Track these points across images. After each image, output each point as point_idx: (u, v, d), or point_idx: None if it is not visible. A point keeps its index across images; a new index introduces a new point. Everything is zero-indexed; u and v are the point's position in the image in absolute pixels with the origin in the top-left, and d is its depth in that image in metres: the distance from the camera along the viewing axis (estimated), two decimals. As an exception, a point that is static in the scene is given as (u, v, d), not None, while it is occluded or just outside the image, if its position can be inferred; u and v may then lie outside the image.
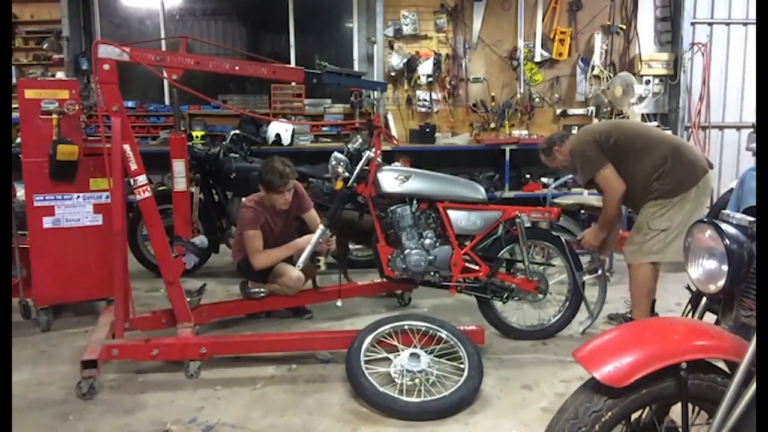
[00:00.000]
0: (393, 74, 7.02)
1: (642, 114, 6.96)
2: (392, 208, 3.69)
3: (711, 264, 1.80)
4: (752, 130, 6.16)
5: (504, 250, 3.73)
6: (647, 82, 7.18)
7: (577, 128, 6.89)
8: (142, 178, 3.32)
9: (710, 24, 7.17)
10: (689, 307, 2.00)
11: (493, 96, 7.12)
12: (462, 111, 7.19)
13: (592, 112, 7.05)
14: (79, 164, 3.82)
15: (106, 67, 3.18)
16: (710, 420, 1.61)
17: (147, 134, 6.80)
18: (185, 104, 6.70)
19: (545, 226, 3.90)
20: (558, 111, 7.21)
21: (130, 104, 6.64)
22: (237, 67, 3.47)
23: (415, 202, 3.69)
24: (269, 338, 3.60)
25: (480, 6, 6.99)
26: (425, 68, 6.96)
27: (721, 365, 1.71)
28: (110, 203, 3.48)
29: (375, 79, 6.69)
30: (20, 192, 4.01)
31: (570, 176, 6.11)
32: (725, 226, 1.78)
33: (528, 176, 6.98)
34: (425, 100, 7.08)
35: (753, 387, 1.54)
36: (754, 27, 5.24)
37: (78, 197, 3.90)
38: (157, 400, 3.04)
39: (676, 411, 1.72)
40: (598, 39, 7.07)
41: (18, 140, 5.11)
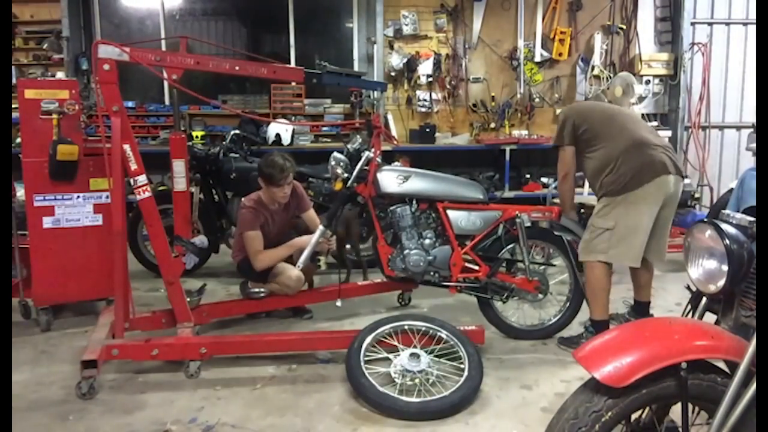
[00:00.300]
0: (393, 74, 7.03)
1: (642, 114, 6.96)
2: (392, 208, 3.69)
3: (711, 264, 1.81)
4: (752, 130, 6.16)
5: (504, 250, 3.73)
6: (647, 82, 7.19)
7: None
8: (142, 178, 3.32)
9: (710, 24, 7.17)
10: (689, 307, 2.00)
11: (493, 96, 7.12)
12: (462, 111, 7.20)
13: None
14: (79, 164, 3.82)
15: (106, 67, 3.18)
16: (710, 420, 1.61)
17: (147, 134, 6.81)
18: (185, 104, 6.70)
19: (546, 226, 3.90)
20: (558, 111, 7.21)
21: (130, 104, 6.65)
22: (237, 67, 3.46)
23: (415, 202, 3.70)
24: (269, 338, 3.60)
25: (480, 6, 6.99)
26: (425, 68, 6.97)
27: (721, 365, 1.71)
28: (110, 203, 3.47)
29: (375, 79, 6.70)
30: (20, 192, 4.01)
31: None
32: (725, 226, 1.78)
33: (528, 176, 6.99)
34: (425, 100, 7.08)
35: (753, 387, 1.54)
36: (754, 27, 5.24)
37: (78, 197, 3.90)
38: (157, 400, 3.04)
39: (676, 411, 1.72)
40: (598, 39, 7.07)
41: (18, 140, 5.11)
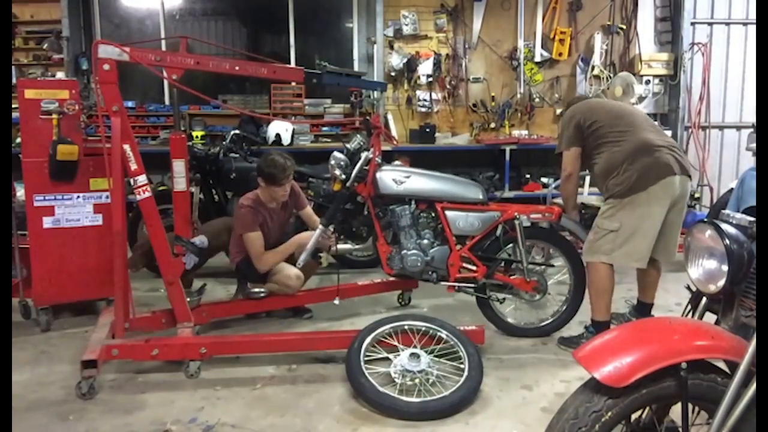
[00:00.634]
0: (393, 74, 7.03)
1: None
2: (391, 208, 3.69)
3: (711, 264, 1.81)
4: (752, 130, 6.16)
5: (503, 251, 3.73)
6: (647, 82, 7.19)
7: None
8: (142, 178, 3.32)
9: (710, 24, 7.17)
10: (689, 307, 2.00)
11: (493, 96, 7.12)
12: (462, 111, 7.20)
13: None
14: (79, 164, 3.82)
15: (106, 67, 3.18)
16: (710, 420, 1.61)
17: (147, 134, 6.81)
18: (185, 104, 6.70)
19: (545, 226, 3.90)
20: (558, 111, 7.21)
21: (130, 104, 6.65)
22: (237, 67, 3.47)
23: (414, 202, 3.70)
24: (269, 338, 3.60)
25: (480, 6, 6.99)
26: (425, 68, 6.97)
27: (721, 365, 1.71)
28: (110, 203, 3.48)
29: (375, 79, 6.70)
30: (20, 192, 4.01)
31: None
32: (725, 226, 1.78)
33: (528, 176, 6.99)
34: (425, 100, 7.08)
35: (753, 387, 1.54)
36: (754, 27, 5.24)
37: (78, 197, 3.90)
38: (157, 400, 3.04)
39: (676, 411, 1.72)
40: (598, 39, 7.07)
41: (18, 140, 5.11)
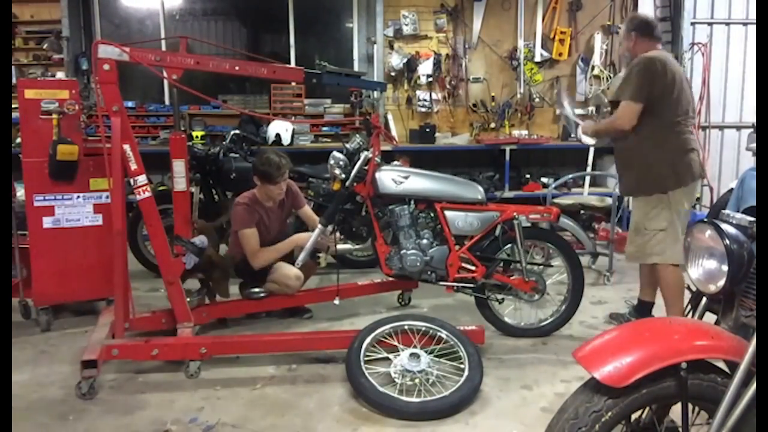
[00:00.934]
0: (393, 74, 7.02)
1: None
2: (390, 208, 3.69)
3: (711, 264, 1.81)
4: (752, 130, 6.16)
5: (502, 251, 3.73)
6: (647, 82, 7.18)
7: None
8: (142, 178, 3.32)
9: (710, 24, 7.16)
10: (689, 307, 2.00)
11: (493, 96, 7.12)
12: (462, 111, 7.20)
13: (592, 112, 7.05)
14: (79, 164, 3.82)
15: (106, 67, 3.18)
16: (710, 420, 1.61)
17: (147, 134, 6.80)
18: (185, 104, 6.70)
19: (546, 227, 3.90)
20: (558, 111, 7.21)
21: (130, 104, 6.65)
22: (237, 67, 3.47)
23: (413, 202, 3.70)
24: (269, 338, 3.60)
25: (480, 6, 6.99)
26: (425, 68, 6.96)
27: (721, 365, 1.71)
28: (110, 203, 3.48)
29: (375, 79, 6.70)
30: (20, 192, 4.01)
31: (570, 176, 6.13)
32: (725, 226, 1.79)
33: (528, 176, 6.99)
34: (425, 100, 7.08)
35: (753, 387, 1.54)
36: (754, 27, 5.23)
37: (78, 197, 3.90)
38: (157, 400, 3.04)
39: (676, 411, 1.72)
40: (598, 39, 7.06)
41: (18, 140, 5.11)
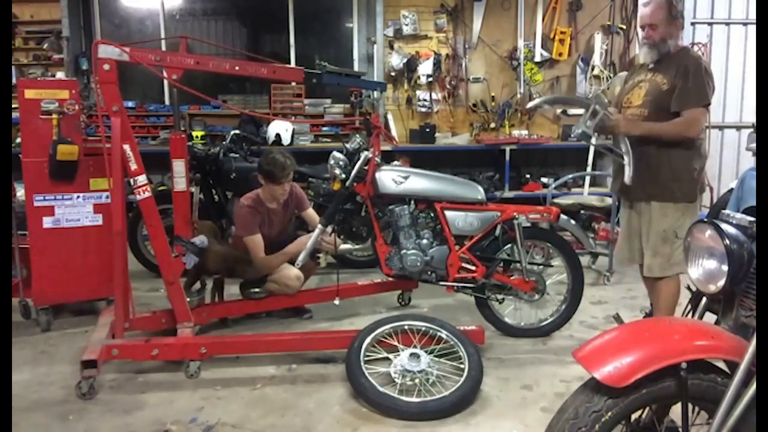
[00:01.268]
0: (393, 74, 7.03)
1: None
2: (390, 208, 3.69)
3: (711, 264, 1.81)
4: (752, 130, 6.16)
5: (502, 251, 3.73)
6: (647, 82, 7.18)
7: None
8: (142, 178, 3.32)
9: (710, 24, 7.17)
10: (689, 307, 2.00)
11: (493, 96, 7.12)
12: (462, 111, 7.20)
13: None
14: (79, 164, 3.82)
15: (106, 67, 3.18)
16: (710, 420, 1.61)
17: (147, 134, 6.80)
18: (185, 104, 6.70)
19: (546, 227, 3.90)
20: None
21: (130, 104, 6.65)
22: (237, 67, 3.47)
23: (413, 202, 3.70)
24: (269, 338, 3.60)
25: (480, 6, 6.99)
26: (425, 68, 6.97)
27: (721, 365, 1.71)
28: (110, 203, 3.48)
29: (375, 79, 6.70)
30: (20, 192, 4.01)
31: (570, 176, 6.13)
32: (725, 226, 1.78)
33: (528, 176, 6.99)
34: (425, 100, 7.08)
35: (753, 387, 1.54)
36: (754, 27, 5.23)
37: (78, 197, 3.90)
38: (157, 400, 3.04)
39: (676, 411, 1.72)
40: (598, 39, 7.06)
41: (18, 140, 5.11)
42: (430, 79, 7.03)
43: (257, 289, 3.94)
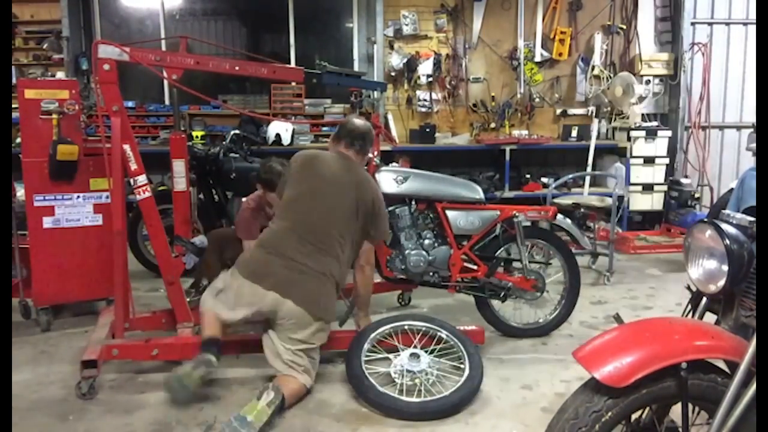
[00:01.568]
0: (393, 74, 7.02)
1: (642, 114, 6.96)
2: (390, 209, 3.69)
3: (711, 264, 1.81)
4: (752, 130, 6.16)
5: (501, 249, 3.73)
6: (647, 82, 7.18)
7: (578, 128, 6.96)
8: (142, 178, 3.32)
9: (710, 24, 7.17)
10: (689, 307, 2.00)
11: (493, 96, 7.12)
12: (462, 111, 7.19)
13: (592, 112, 7.06)
14: (79, 164, 3.82)
15: (106, 67, 3.18)
16: (710, 420, 1.61)
17: (147, 134, 6.80)
18: (185, 104, 6.69)
19: (545, 226, 3.91)
20: (558, 111, 7.22)
21: (130, 104, 6.64)
22: (237, 67, 3.47)
23: (414, 203, 3.70)
24: (269, 338, 3.59)
25: (480, 6, 6.99)
26: (425, 68, 6.96)
27: (721, 365, 1.71)
28: (110, 203, 3.48)
29: (375, 79, 6.69)
30: (20, 192, 4.01)
31: (570, 176, 6.13)
32: (725, 226, 1.79)
33: (528, 176, 6.98)
34: (425, 100, 7.08)
35: (753, 387, 1.54)
36: (754, 27, 5.22)
37: (78, 197, 3.90)
38: (157, 400, 3.03)
39: (676, 411, 1.72)
40: (598, 39, 7.06)
41: (18, 140, 5.11)
42: (430, 79, 7.02)
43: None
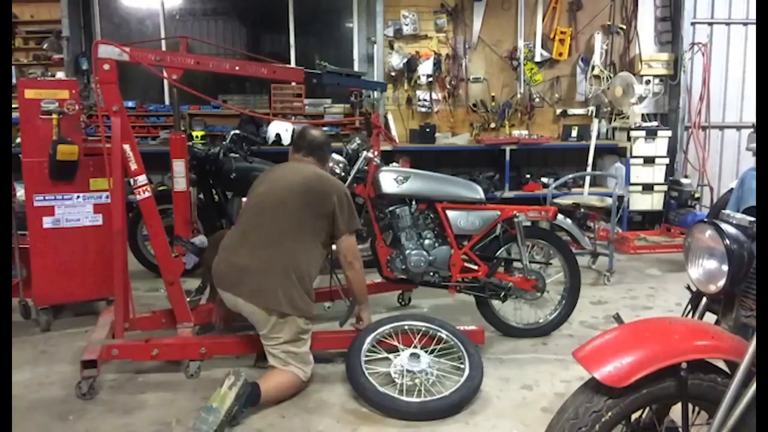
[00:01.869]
0: (393, 74, 7.02)
1: (642, 114, 6.96)
2: (391, 209, 3.69)
3: (711, 264, 1.81)
4: (752, 130, 6.15)
5: (502, 249, 3.73)
6: (647, 82, 7.19)
7: (578, 128, 6.96)
8: (142, 178, 3.32)
9: (710, 24, 7.17)
10: (689, 307, 2.00)
11: (493, 96, 7.12)
12: (462, 111, 7.19)
13: (592, 112, 7.04)
14: (79, 164, 3.82)
15: (106, 67, 3.18)
16: (710, 420, 1.61)
17: (147, 134, 6.80)
18: (185, 104, 6.69)
19: (546, 226, 3.91)
20: (558, 111, 7.22)
21: (130, 104, 6.65)
22: (237, 67, 3.47)
23: (414, 203, 3.70)
24: (269, 338, 3.59)
25: (480, 6, 6.99)
26: (425, 68, 6.96)
27: (721, 365, 1.71)
28: (110, 203, 3.48)
29: (375, 79, 6.69)
30: (20, 192, 4.01)
31: (570, 176, 6.12)
32: (725, 226, 1.79)
33: (528, 176, 6.99)
34: (425, 100, 7.08)
35: (753, 387, 1.54)
36: (754, 27, 5.22)
37: (78, 197, 3.90)
38: (157, 400, 3.04)
39: (676, 411, 1.72)
40: (598, 39, 7.06)
41: (18, 140, 5.11)
42: (430, 79, 7.02)
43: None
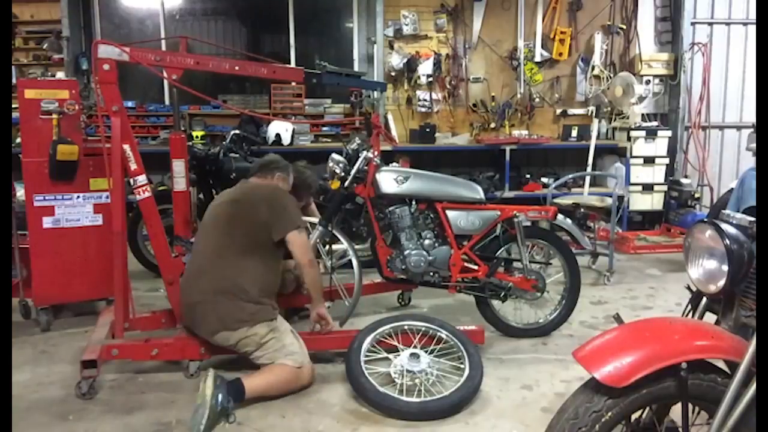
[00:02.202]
0: (393, 74, 7.02)
1: (642, 114, 6.96)
2: (391, 209, 3.69)
3: (711, 264, 1.81)
4: (752, 130, 6.15)
5: (502, 249, 3.73)
6: (647, 82, 7.19)
7: (578, 128, 6.96)
8: (142, 178, 3.32)
9: (710, 24, 7.17)
10: (689, 307, 2.00)
11: (493, 96, 7.12)
12: (462, 111, 7.19)
13: (592, 112, 7.04)
14: (79, 164, 3.82)
15: (106, 67, 3.17)
16: (710, 420, 1.61)
17: (147, 134, 6.80)
18: (185, 104, 6.69)
19: (546, 226, 3.91)
20: (558, 111, 7.22)
21: (130, 104, 6.65)
22: (237, 67, 3.47)
23: (414, 203, 3.70)
24: (269, 338, 3.59)
25: (480, 6, 6.99)
26: (425, 68, 6.96)
27: (721, 365, 1.71)
28: (110, 203, 3.48)
29: (375, 79, 6.69)
30: (20, 192, 4.01)
31: (570, 176, 6.12)
32: (725, 226, 1.79)
33: (528, 176, 6.99)
34: (425, 100, 7.08)
35: (753, 387, 1.54)
36: (754, 27, 5.22)
37: (78, 197, 3.90)
38: (157, 400, 3.04)
39: (676, 411, 1.72)
40: (598, 39, 7.06)
41: (18, 140, 5.11)
42: (430, 79, 7.02)
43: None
